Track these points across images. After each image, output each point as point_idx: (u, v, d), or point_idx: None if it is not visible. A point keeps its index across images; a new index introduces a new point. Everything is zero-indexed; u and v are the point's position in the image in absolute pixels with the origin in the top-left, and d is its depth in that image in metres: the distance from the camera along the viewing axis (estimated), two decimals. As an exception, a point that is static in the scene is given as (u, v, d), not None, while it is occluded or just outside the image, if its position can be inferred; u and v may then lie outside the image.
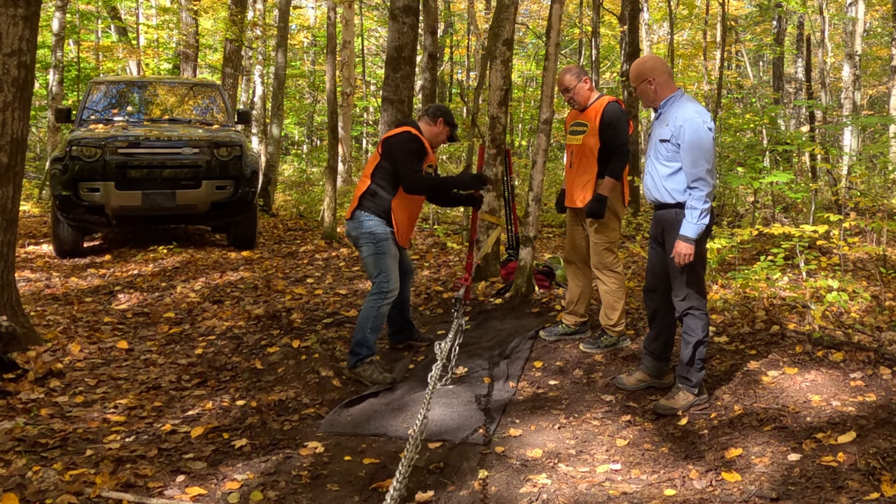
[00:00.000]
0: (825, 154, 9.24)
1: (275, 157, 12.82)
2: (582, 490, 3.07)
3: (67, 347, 4.86)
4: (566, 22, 19.44)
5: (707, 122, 3.67)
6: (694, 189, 3.66)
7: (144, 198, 7.75)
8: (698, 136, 3.63)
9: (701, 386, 3.86)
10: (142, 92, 9.34)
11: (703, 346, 3.81)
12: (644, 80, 3.82)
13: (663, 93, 3.82)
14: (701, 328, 3.79)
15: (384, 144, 4.43)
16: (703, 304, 3.83)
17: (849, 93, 16.18)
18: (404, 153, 4.34)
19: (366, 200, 4.40)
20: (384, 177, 4.38)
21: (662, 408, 3.81)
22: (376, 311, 4.34)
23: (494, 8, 6.85)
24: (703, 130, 3.64)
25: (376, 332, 4.37)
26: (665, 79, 3.81)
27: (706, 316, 3.83)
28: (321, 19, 20.90)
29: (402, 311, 4.84)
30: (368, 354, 4.35)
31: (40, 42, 17.06)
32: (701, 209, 3.64)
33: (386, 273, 4.36)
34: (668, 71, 3.86)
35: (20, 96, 4.49)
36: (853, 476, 2.96)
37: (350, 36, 15.86)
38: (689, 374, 3.82)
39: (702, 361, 3.83)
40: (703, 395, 3.86)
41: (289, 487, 3.15)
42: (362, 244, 4.39)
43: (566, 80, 4.62)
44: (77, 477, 3.10)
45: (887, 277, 6.22)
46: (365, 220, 4.37)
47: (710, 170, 3.64)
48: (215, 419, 3.84)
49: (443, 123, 4.51)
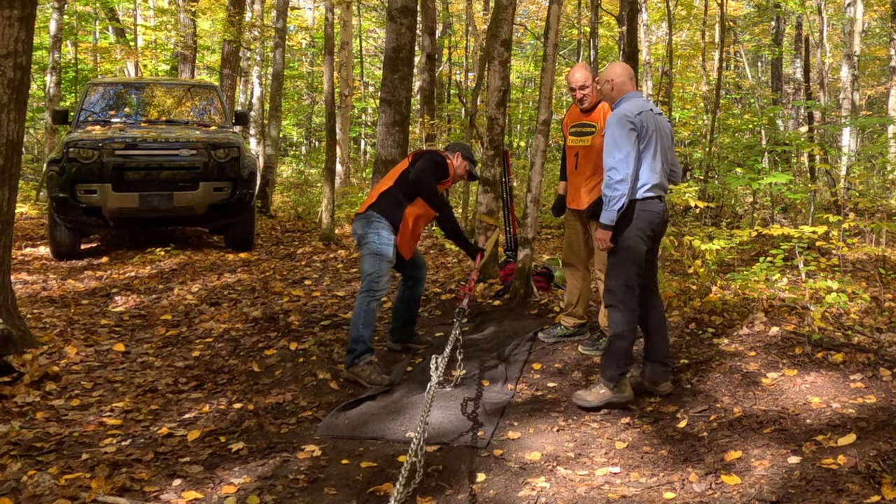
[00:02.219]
0: (824, 155, 9.23)
1: (273, 159, 12.80)
2: (581, 493, 3.05)
3: (64, 350, 4.84)
4: (564, 23, 19.44)
5: (624, 110, 3.80)
6: (606, 177, 3.79)
7: (141, 199, 7.72)
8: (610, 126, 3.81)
9: (621, 384, 3.85)
10: (139, 93, 9.32)
11: (623, 340, 3.84)
12: (603, 81, 4.04)
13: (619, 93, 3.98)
14: (621, 323, 3.83)
15: (416, 154, 4.65)
16: (631, 300, 3.85)
17: (847, 93, 16.18)
18: (429, 163, 4.57)
19: (383, 201, 4.49)
20: (406, 184, 4.52)
21: (577, 397, 3.92)
22: (366, 307, 4.36)
23: (492, 9, 6.83)
24: (614, 119, 3.79)
25: (369, 327, 4.38)
26: (623, 80, 3.97)
27: (631, 313, 3.85)
28: (319, 20, 20.91)
29: (411, 309, 4.89)
30: (365, 350, 4.34)
31: (38, 43, 17.06)
32: (610, 196, 3.75)
33: (378, 274, 4.38)
34: (629, 75, 4.00)
35: (16, 98, 4.47)
36: (853, 479, 2.94)
37: (348, 37, 15.84)
38: (604, 366, 3.89)
39: (622, 358, 3.84)
40: (622, 392, 3.85)
41: (286, 491, 3.13)
42: (365, 243, 4.43)
43: (583, 77, 4.57)
44: (72, 481, 3.07)
45: (887, 278, 6.20)
46: (374, 222, 4.43)
47: (623, 159, 3.73)
48: (212, 422, 3.82)
49: (460, 157, 4.76)
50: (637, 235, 3.82)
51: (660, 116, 3.93)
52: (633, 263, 3.84)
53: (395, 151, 8.19)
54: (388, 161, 8.16)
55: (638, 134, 3.77)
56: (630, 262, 3.83)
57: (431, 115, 13.66)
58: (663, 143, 3.89)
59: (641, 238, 3.83)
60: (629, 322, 3.85)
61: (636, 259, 3.84)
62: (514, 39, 16.31)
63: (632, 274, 3.84)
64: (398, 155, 8.20)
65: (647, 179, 3.80)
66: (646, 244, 3.86)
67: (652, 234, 3.87)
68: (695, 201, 6.95)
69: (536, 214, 5.71)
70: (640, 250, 3.84)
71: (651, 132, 3.81)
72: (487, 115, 6.02)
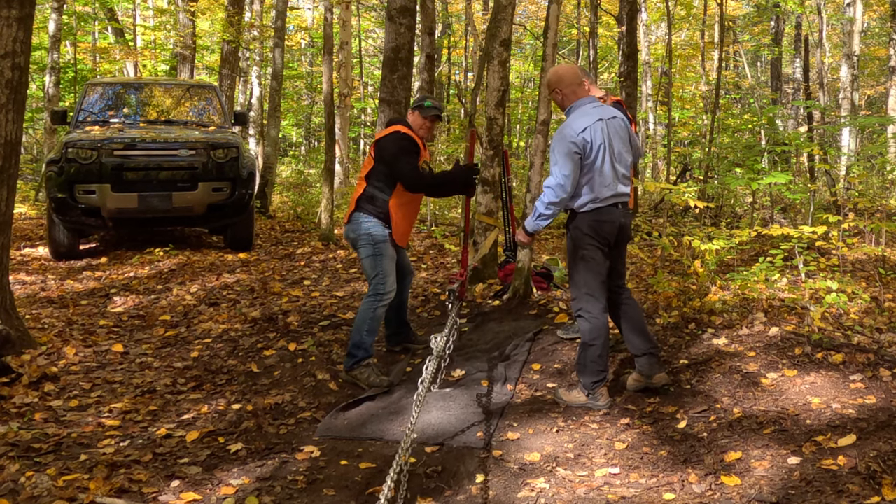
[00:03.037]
0: (823, 155, 9.22)
1: (272, 159, 12.78)
2: (580, 494, 3.04)
3: (62, 351, 4.83)
4: (564, 23, 19.43)
5: (568, 128, 3.78)
6: (543, 193, 3.85)
7: (140, 200, 7.71)
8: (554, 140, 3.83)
9: (596, 392, 3.88)
10: (138, 93, 9.31)
11: (592, 348, 3.87)
12: (552, 89, 4.02)
13: (569, 102, 3.96)
14: (588, 331, 3.88)
15: (376, 147, 4.40)
16: (594, 308, 3.87)
17: (847, 93, 16.17)
18: (398, 152, 4.31)
19: (363, 203, 4.38)
20: (380, 178, 4.36)
21: (555, 393, 4.04)
22: (372, 314, 4.31)
23: (492, 9, 6.82)
24: (557, 138, 3.79)
25: (373, 334, 4.34)
26: (573, 89, 3.94)
27: (596, 320, 3.87)
28: (318, 20, 20.90)
29: (400, 313, 4.81)
30: (365, 357, 4.32)
31: (37, 44, 17.05)
32: (540, 213, 3.84)
33: (383, 275, 4.34)
34: (577, 81, 3.96)
35: (14, 98, 4.46)
36: (854, 480, 2.94)
37: (347, 37, 15.82)
38: (580, 374, 3.95)
39: (595, 364, 3.86)
40: (598, 400, 3.89)
41: (284, 492, 3.12)
42: (361, 245, 4.37)
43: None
44: (70, 482, 3.07)
45: (886, 278, 6.20)
46: (363, 222, 4.34)
47: (561, 183, 3.74)
48: (211, 423, 3.81)
49: (417, 115, 4.46)
50: (590, 244, 3.85)
51: (612, 120, 3.87)
52: (592, 272, 3.87)
53: (394, 151, 8.17)
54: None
55: (581, 154, 3.75)
56: (588, 270, 3.86)
57: (431, 115, 13.61)
58: (613, 149, 3.83)
59: (595, 246, 3.85)
60: (596, 329, 3.87)
61: (594, 267, 3.87)
62: (514, 39, 16.30)
63: (592, 282, 3.87)
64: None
65: (595, 193, 3.80)
66: (601, 251, 3.87)
67: (606, 241, 3.88)
68: (694, 201, 6.93)
69: (536, 214, 5.69)
70: (597, 258, 3.87)
71: (598, 146, 3.77)
72: (487, 115, 6.01)
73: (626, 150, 3.95)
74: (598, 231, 3.84)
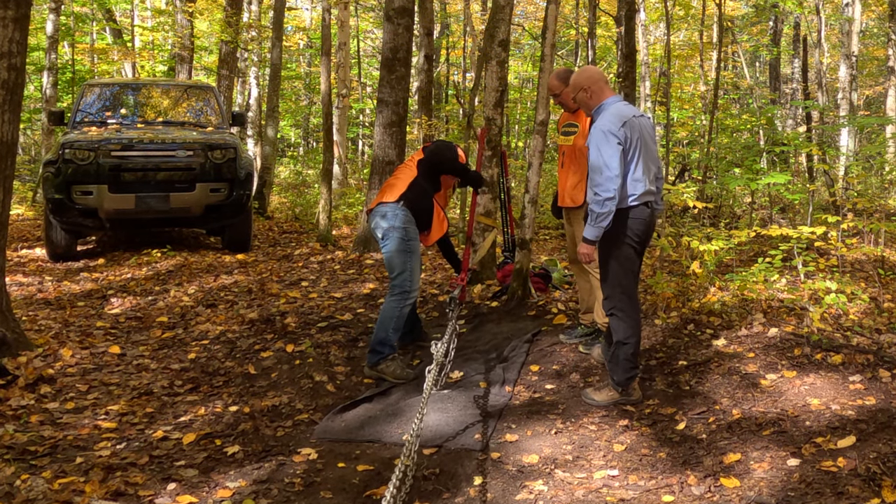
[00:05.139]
0: (822, 155, 9.21)
1: (270, 160, 12.76)
2: (579, 497, 3.03)
3: (59, 353, 4.81)
4: (562, 23, 19.43)
5: (609, 122, 3.74)
6: (593, 194, 3.77)
7: (138, 201, 7.69)
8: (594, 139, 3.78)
9: (629, 387, 3.91)
10: (135, 94, 9.28)
11: (626, 346, 3.86)
12: (581, 88, 3.98)
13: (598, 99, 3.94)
14: (622, 330, 3.86)
15: (427, 148, 4.63)
16: (629, 307, 3.87)
17: (846, 93, 16.18)
18: (445, 147, 4.64)
19: (411, 192, 4.41)
20: (429, 171, 4.49)
21: (585, 395, 4.01)
22: (399, 312, 4.34)
23: (490, 9, 6.81)
24: (599, 134, 3.73)
25: (398, 332, 4.40)
26: (600, 86, 3.92)
27: (630, 318, 3.86)
28: (317, 21, 20.88)
29: (412, 311, 4.85)
30: (391, 353, 4.36)
31: (34, 44, 17.02)
32: (598, 213, 3.72)
33: (410, 272, 4.36)
34: (604, 79, 3.97)
35: (10, 99, 4.44)
36: (853, 481, 2.93)
37: (345, 37, 15.82)
38: (612, 372, 3.94)
39: (628, 362, 3.87)
40: (630, 396, 3.92)
41: (282, 495, 3.10)
42: (390, 238, 4.34)
43: (553, 86, 4.79)
44: (66, 485, 3.05)
45: (886, 279, 6.19)
46: (402, 214, 4.35)
47: (611, 177, 3.67)
48: (208, 425, 3.79)
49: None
50: (627, 243, 3.84)
51: (642, 118, 3.89)
52: (626, 269, 3.86)
53: (392, 152, 8.17)
54: (385, 161, 8.14)
55: (624, 147, 3.73)
56: (622, 268, 3.85)
57: (429, 115, 13.65)
58: (647, 147, 3.85)
59: (631, 245, 3.85)
60: (631, 328, 3.87)
61: (629, 265, 3.87)
62: (512, 40, 16.28)
63: (626, 280, 3.87)
64: (396, 156, 8.18)
65: (634, 189, 3.79)
66: (634, 249, 3.87)
67: (640, 239, 3.88)
68: (693, 202, 6.93)
69: (534, 215, 5.68)
70: (631, 256, 3.87)
71: (636, 141, 3.77)
72: (485, 115, 5.99)
73: (656, 150, 3.97)
74: (632, 229, 3.82)
